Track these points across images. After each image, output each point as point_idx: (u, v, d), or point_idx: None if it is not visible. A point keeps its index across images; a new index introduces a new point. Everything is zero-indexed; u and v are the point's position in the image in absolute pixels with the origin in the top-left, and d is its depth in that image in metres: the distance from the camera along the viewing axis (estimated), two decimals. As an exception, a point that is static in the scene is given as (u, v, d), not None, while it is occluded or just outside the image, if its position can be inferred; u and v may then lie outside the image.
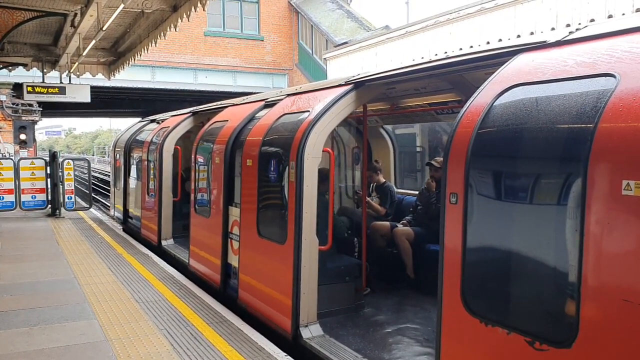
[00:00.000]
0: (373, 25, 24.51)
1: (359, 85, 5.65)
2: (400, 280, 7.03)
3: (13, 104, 21.53)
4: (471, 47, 12.41)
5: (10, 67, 15.27)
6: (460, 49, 13.19)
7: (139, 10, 10.63)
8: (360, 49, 18.84)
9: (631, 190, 2.52)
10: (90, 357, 5.04)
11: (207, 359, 4.99)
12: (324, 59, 21.93)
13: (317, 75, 24.38)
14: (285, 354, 5.10)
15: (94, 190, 30.07)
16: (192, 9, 9.20)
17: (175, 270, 8.47)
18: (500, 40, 12.28)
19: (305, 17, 26.50)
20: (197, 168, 8.55)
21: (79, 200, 16.75)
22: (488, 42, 12.11)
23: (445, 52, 13.24)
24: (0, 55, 13.69)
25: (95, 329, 5.77)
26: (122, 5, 7.99)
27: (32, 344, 5.34)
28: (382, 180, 8.23)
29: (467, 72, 5.25)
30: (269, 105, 7.13)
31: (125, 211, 13.62)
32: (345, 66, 19.15)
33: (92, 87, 18.16)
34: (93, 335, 5.57)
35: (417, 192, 8.07)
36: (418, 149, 12.19)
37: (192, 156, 8.63)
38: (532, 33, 11.59)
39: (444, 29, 14.58)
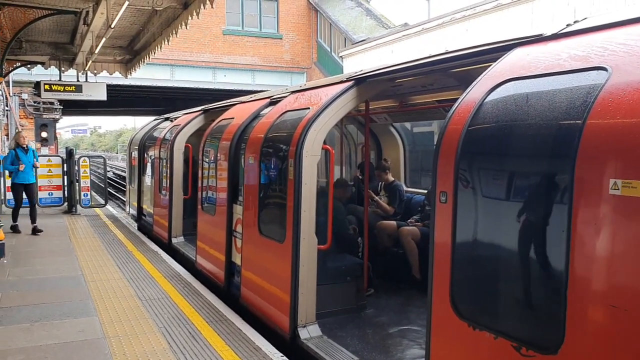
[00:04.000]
0: (392, 23, 24.31)
1: (360, 82, 5.54)
2: (405, 280, 6.91)
3: (34, 102, 21.85)
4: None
5: (29, 66, 15.46)
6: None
7: (152, 9, 10.66)
8: (377, 46, 18.69)
9: (618, 189, 2.38)
10: (86, 355, 5.03)
11: (203, 358, 4.95)
12: (340, 56, 21.80)
13: (336, 73, 24.16)
14: (282, 355, 5.03)
15: (116, 188, 30.49)
16: (202, 6, 9.17)
17: (182, 268, 8.47)
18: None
19: (324, 15, 26.38)
20: (204, 166, 8.54)
21: (95, 197, 16.92)
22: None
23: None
24: (18, 53, 13.87)
25: (95, 326, 5.77)
26: (127, 3, 8.00)
27: (31, 340, 5.35)
28: (391, 179, 8.10)
29: (472, 68, 5.12)
30: (274, 102, 7.06)
31: (140, 208, 13.70)
32: (362, 64, 19.00)
33: (111, 86, 18.33)
34: (92, 333, 5.57)
35: (425, 191, 7.93)
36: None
37: (200, 154, 8.63)
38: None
39: (460, 26, 14.36)
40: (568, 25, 3.46)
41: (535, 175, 2.95)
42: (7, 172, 12.82)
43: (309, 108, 5.65)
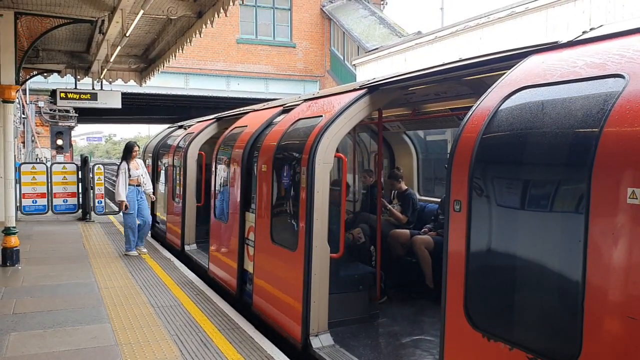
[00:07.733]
0: (405, 32, 24.30)
1: (373, 90, 5.53)
2: (418, 290, 6.84)
3: (50, 110, 22.10)
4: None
5: (45, 74, 15.65)
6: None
7: (166, 18, 10.74)
8: (390, 54, 18.69)
9: (636, 198, 2.34)
10: (99, 362, 5.04)
11: (214, 366, 4.94)
12: (354, 65, 21.82)
13: (349, 81, 24.16)
14: (293, 364, 5.00)
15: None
16: (216, 14, 9.23)
17: (195, 275, 8.47)
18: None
19: (337, 23, 26.45)
20: (217, 173, 8.56)
21: (109, 204, 17.04)
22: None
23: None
24: (35, 62, 14.05)
25: (108, 333, 5.78)
26: (141, 12, 8.07)
27: (44, 346, 5.37)
28: (404, 187, 8.06)
29: (486, 76, 5.09)
30: (287, 110, 7.07)
31: (153, 216, 13.74)
32: (375, 72, 19.00)
33: (126, 94, 18.49)
34: (104, 340, 5.57)
35: (439, 199, 7.88)
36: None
37: (213, 162, 8.65)
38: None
39: (474, 34, 14.31)
40: (584, 32, 3.43)
41: (550, 184, 2.91)
42: None
43: (321, 116, 5.64)
